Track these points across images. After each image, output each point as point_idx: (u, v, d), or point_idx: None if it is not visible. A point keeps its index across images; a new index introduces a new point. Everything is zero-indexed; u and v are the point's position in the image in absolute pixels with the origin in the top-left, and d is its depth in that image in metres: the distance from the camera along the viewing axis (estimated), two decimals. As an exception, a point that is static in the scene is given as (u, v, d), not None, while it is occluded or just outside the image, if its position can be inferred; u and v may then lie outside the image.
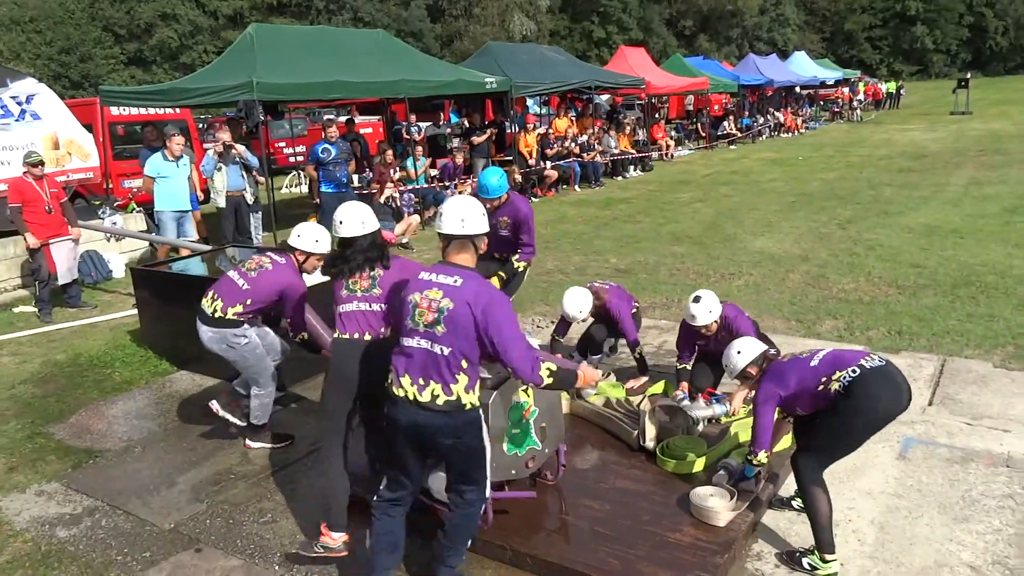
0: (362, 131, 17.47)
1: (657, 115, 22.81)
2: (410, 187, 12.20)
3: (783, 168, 17.94)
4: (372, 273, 3.58)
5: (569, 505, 3.91)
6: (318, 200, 10.49)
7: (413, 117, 13.35)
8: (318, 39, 12.97)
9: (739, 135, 25.09)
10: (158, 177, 8.87)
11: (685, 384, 4.82)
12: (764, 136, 26.37)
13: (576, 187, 15.98)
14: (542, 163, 15.39)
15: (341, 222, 3.58)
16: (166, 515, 4.16)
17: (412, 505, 3.38)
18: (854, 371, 3.26)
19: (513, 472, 3.72)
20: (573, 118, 17.92)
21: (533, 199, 14.30)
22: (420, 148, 13.46)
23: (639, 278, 8.52)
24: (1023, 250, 8.65)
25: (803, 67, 33.58)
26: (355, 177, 11.60)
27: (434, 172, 13.66)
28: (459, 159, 13.91)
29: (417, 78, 12.49)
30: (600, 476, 4.16)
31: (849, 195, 13.34)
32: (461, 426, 3.04)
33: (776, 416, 3.52)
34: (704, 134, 24.74)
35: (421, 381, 3.02)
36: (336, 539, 3.52)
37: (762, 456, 3.57)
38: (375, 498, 3.29)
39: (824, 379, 3.32)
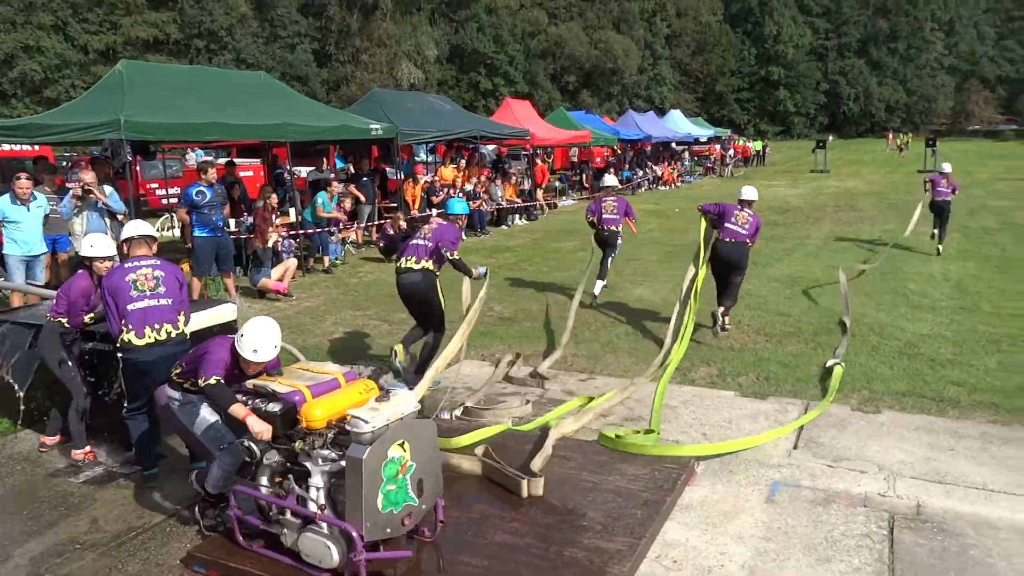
0: (242, 174, 16.95)
1: (549, 160, 23.33)
2: (305, 229, 11.89)
3: (661, 219, 18.72)
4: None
5: (447, 562, 3.79)
6: (191, 245, 10.02)
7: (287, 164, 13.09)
8: (195, 79, 12.56)
9: (620, 187, 26.04)
10: (5, 221, 8.24)
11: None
12: (643, 188, 27.52)
13: (462, 235, 16.02)
14: (428, 210, 15.38)
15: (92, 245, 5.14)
16: (-3, 594, 3.73)
17: None
18: None
19: (388, 531, 3.57)
20: (461, 167, 18.09)
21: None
22: (335, 185, 13.13)
23: (523, 326, 8.57)
24: (874, 300, 9.34)
25: (678, 124, 35.53)
26: (231, 221, 11.16)
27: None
28: (347, 204, 13.70)
29: (300, 122, 12.27)
30: (479, 530, 4.07)
31: (721, 246, 14.01)
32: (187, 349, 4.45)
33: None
34: (587, 185, 25.56)
35: (157, 326, 4.65)
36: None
37: None
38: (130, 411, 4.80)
39: None
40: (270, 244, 10.73)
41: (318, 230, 12.39)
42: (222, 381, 3.87)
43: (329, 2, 52.02)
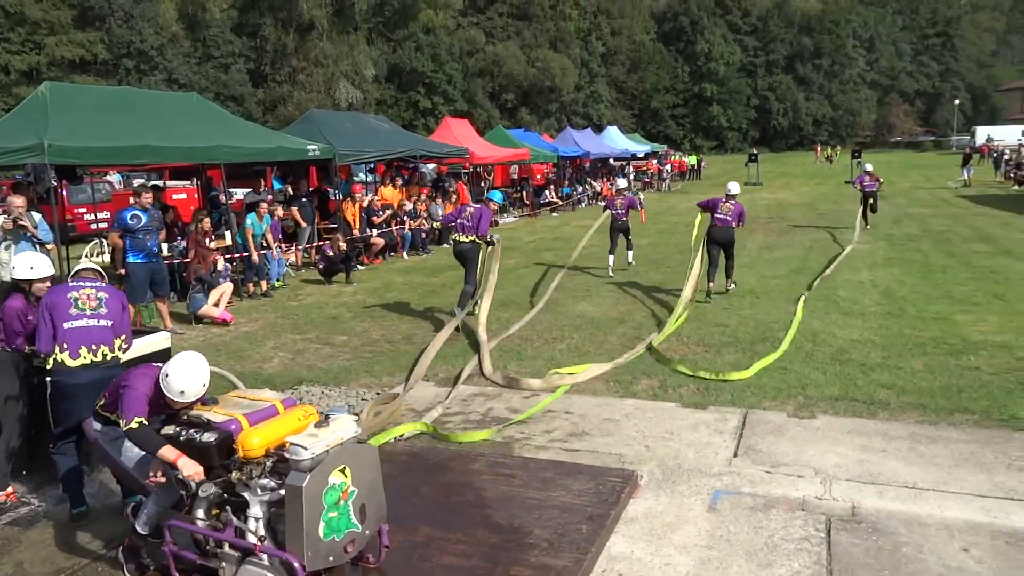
0: (175, 197, 16.58)
1: (483, 184, 23.46)
2: (241, 252, 11.62)
3: (601, 235, 18.89)
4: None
5: (392, 588, 3.74)
6: (123, 271, 9.72)
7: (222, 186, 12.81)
8: (123, 100, 12.22)
9: (560, 203, 26.36)
10: None
11: None
12: (583, 204, 27.87)
13: (404, 254, 15.98)
14: (369, 230, 15.27)
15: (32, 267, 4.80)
16: (-87, 647, 3.52)
17: None
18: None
19: (331, 559, 3.50)
20: (401, 186, 18.02)
21: (360, 267, 14.12)
22: (264, 206, 12.76)
23: (467, 343, 8.55)
24: (807, 307, 9.61)
25: (616, 140, 36.17)
26: (164, 246, 10.86)
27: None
28: (279, 212, 13.48)
29: (234, 143, 12.06)
30: (425, 554, 4.03)
31: (660, 260, 14.30)
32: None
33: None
34: (528, 202, 25.76)
35: (94, 347, 4.49)
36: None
37: None
38: (56, 446, 4.53)
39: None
40: (220, 267, 10.52)
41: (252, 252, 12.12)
42: (145, 422, 3.68)
43: (264, 22, 51.43)
